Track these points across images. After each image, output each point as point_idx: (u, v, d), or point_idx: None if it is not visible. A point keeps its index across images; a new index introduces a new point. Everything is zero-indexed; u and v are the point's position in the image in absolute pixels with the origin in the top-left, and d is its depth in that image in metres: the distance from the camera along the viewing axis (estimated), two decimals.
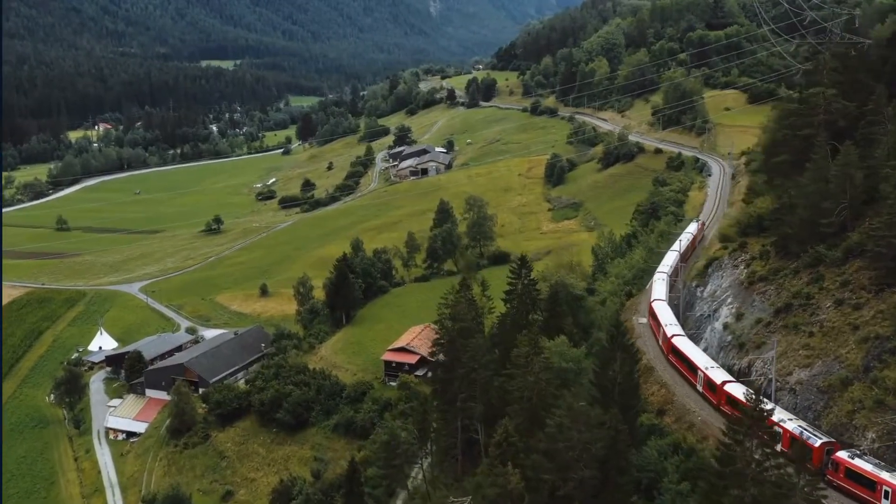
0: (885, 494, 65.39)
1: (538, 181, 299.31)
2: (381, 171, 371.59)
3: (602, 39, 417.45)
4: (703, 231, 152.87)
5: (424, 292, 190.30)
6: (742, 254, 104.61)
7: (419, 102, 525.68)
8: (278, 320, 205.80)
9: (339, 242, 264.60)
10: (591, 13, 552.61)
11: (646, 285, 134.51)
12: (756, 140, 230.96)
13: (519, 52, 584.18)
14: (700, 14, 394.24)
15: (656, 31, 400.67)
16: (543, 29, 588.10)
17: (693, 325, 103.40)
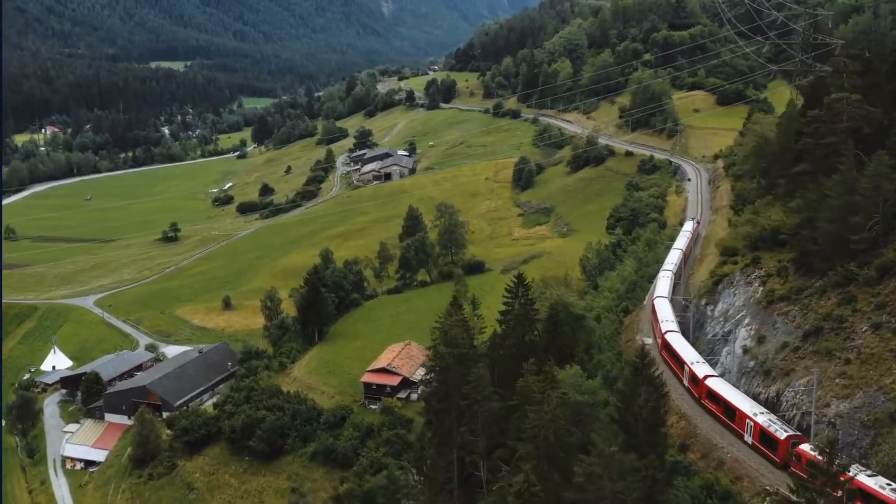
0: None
1: (506, 185, 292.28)
2: (343, 176, 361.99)
3: (564, 40, 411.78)
4: (698, 230, 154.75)
5: (398, 305, 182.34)
6: (755, 270, 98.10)
7: (378, 104, 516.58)
8: (244, 336, 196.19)
9: (303, 251, 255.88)
10: (549, 13, 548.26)
11: (641, 299, 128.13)
12: (732, 143, 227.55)
13: (477, 53, 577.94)
14: (662, 14, 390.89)
15: (619, 32, 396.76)
16: (501, 29, 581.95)
17: (706, 347, 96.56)
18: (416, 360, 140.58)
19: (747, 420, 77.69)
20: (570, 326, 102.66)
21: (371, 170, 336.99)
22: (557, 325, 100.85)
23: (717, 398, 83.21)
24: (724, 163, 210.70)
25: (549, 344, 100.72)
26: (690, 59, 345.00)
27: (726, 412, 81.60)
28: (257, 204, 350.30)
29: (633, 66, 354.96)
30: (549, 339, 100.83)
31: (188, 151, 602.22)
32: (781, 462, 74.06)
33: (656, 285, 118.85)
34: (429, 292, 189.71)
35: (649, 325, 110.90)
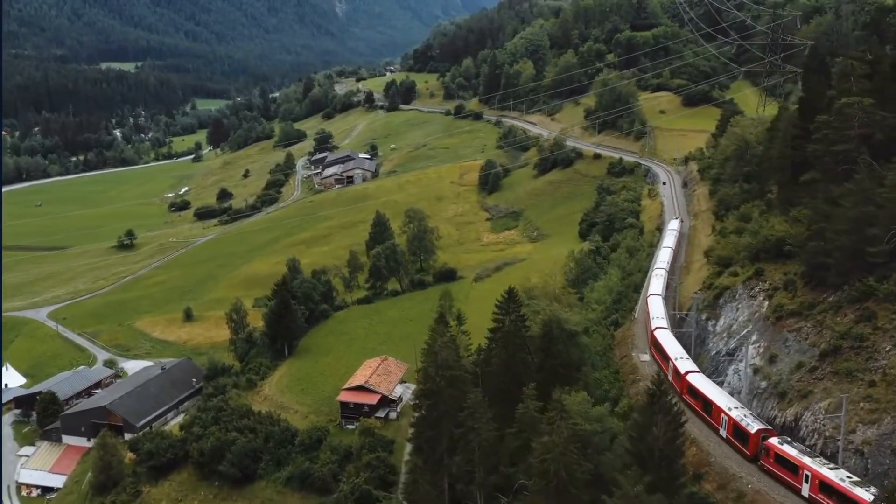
0: (805, 478, 68.99)
1: (472, 189, 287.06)
2: (304, 179, 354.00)
3: (525, 41, 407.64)
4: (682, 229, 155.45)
5: (370, 316, 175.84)
6: (759, 283, 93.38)
7: (336, 106, 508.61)
8: (207, 349, 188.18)
9: (266, 258, 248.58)
10: (508, 14, 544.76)
11: (630, 311, 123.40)
12: (703, 145, 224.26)
13: (435, 54, 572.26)
14: (624, 15, 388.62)
15: (581, 33, 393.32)
16: (460, 30, 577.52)
17: (709, 364, 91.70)
18: (394, 376, 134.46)
19: (722, 414, 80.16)
20: (564, 344, 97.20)
21: (333, 173, 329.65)
22: (552, 342, 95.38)
23: (696, 393, 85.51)
24: (697, 166, 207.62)
25: (543, 363, 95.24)
26: (654, 61, 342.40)
27: (704, 407, 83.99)
28: (215, 209, 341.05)
29: (596, 66, 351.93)
30: (543, 358, 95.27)
31: (141, 155, 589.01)
32: (752, 455, 76.09)
33: (650, 283, 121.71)
34: (401, 302, 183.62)
35: (644, 338, 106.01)
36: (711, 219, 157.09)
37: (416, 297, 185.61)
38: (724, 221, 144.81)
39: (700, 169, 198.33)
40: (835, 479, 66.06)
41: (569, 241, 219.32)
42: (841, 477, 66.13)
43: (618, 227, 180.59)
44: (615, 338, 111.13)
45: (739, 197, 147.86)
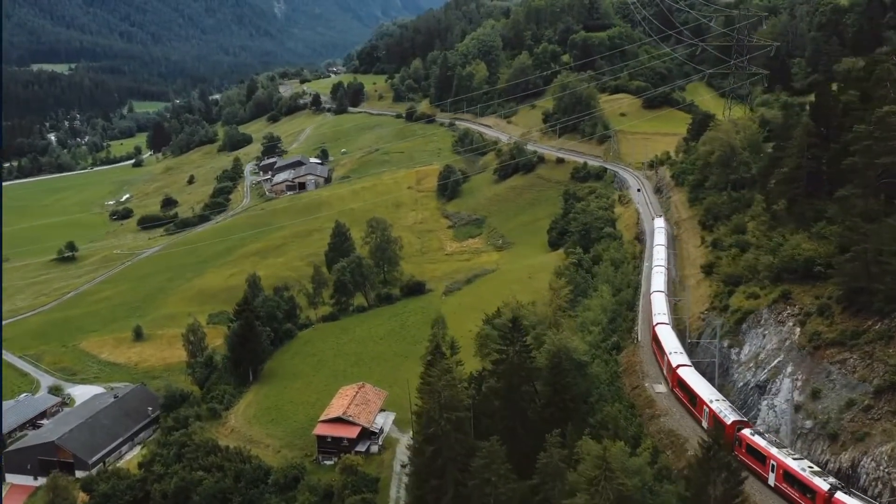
0: (771, 468, 70.57)
1: (430, 195, 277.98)
2: (253, 186, 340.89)
3: (477, 42, 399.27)
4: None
5: (337, 335, 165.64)
6: (786, 306, 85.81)
7: (282, 109, 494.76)
8: (161, 372, 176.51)
9: (218, 271, 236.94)
10: (454, 14, 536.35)
11: (628, 331, 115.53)
12: (671, 149, 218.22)
13: (381, 55, 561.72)
14: (576, 16, 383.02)
15: (533, 33, 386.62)
16: (406, 31, 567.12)
17: (737, 398, 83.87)
18: (374, 405, 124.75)
19: (704, 406, 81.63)
20: (573, 376, 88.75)
21: (284, 179, 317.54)
22: (561, 375, 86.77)
23: (684, 386, 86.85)
24: (670, 171, 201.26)
25: (552, 398, 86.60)
26: (610, 62, 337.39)
27: (690, 400, 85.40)
28: (160, 217, 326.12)
29: (551, 68, 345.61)
30: (552, 393, 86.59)
31: (78, 160, 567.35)
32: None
33: (651, 281, 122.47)
34: (368, 318, 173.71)
35: (653, 365, 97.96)
36: (697, 228, 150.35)
37: (383, 313, 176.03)
38: (715, 232, 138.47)
39: (674, 174, 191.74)
40: (796, 469, 67.58)
41: (536, 250, 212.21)
42: (802, 466, 67.61)
43: (594, 236, 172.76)
44: (619, 364, 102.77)
45: (728, 206, 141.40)
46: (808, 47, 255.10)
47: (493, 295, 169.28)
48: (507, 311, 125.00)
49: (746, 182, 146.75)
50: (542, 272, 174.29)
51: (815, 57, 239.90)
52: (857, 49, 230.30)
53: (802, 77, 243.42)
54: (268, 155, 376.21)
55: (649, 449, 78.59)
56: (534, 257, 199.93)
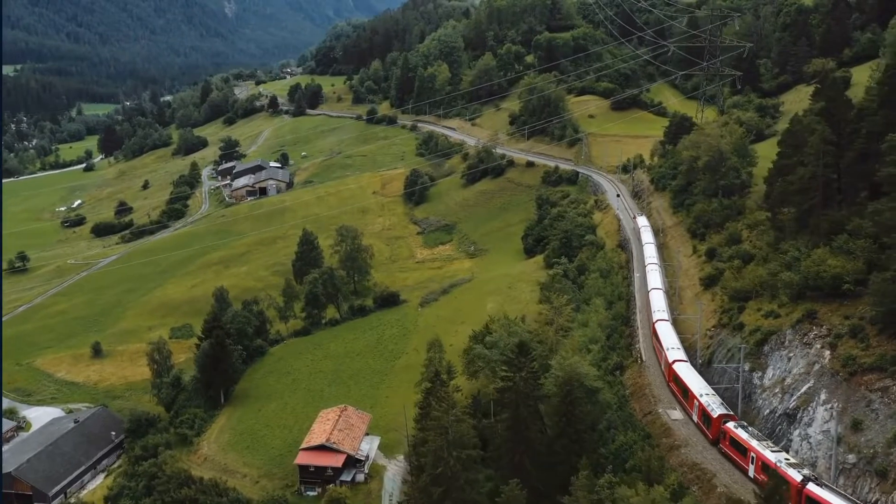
0: (751, 460, 72.76)
1: (397, 200, 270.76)
2: (212, 191, 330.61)
3: (439, 43, 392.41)
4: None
5: (311, 351, 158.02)
6: (812, 327, 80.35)
7: (238, 111, 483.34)
8: (123, 391, 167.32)
9: (179, 281, 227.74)
10: (412, 14, 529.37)
11: (626, 349, 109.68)
12: (645, 152, 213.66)
13: (338, 56, 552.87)
14: (538, 16, 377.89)
15: (496, 34, 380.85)
16: (364, 32, 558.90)
17: (763, 427, 78.19)
18: (358, 430, 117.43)
19: (695, 400, 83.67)
20: (584, 404, 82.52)
21: (244, 184, 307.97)
22: (573, 405, 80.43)
23: (678, 380, 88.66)
24: (648, 175, 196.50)
25: (565, 429, 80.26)
26: (575, 64, 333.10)
27: (683, 394, 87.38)
28: (115, 225, 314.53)
29: (516, 69, 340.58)
30: (564, 423, 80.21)
31: (26, 164, 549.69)
32: (713, 438, 79.68)
33: (647, 279, 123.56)
34: (342, 333, 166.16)
35: (664, 388, 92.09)
36: (686, 236, 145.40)
37: (357, 327, 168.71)
38: (708, 241, 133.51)
39: (653, 179, 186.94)
40: (773, 460, 69.64)
41: (511, 257, 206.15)
42: (779, 458, 69.84)
43: (576, 244, 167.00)
44: (625, 386, 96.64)
45: (720, 214, 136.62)
46: (773, 48, 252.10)
47: (473, 306, 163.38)
48: (496, 327, 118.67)
49: (736, 188, 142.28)
50: (521, 282, 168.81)
51: (783, 58, 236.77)
52: (825, 50, 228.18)
53: (770, 78, 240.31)
54: (226, 159, 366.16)
55: (674, 485, 72.52)
56: (510, 265, 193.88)
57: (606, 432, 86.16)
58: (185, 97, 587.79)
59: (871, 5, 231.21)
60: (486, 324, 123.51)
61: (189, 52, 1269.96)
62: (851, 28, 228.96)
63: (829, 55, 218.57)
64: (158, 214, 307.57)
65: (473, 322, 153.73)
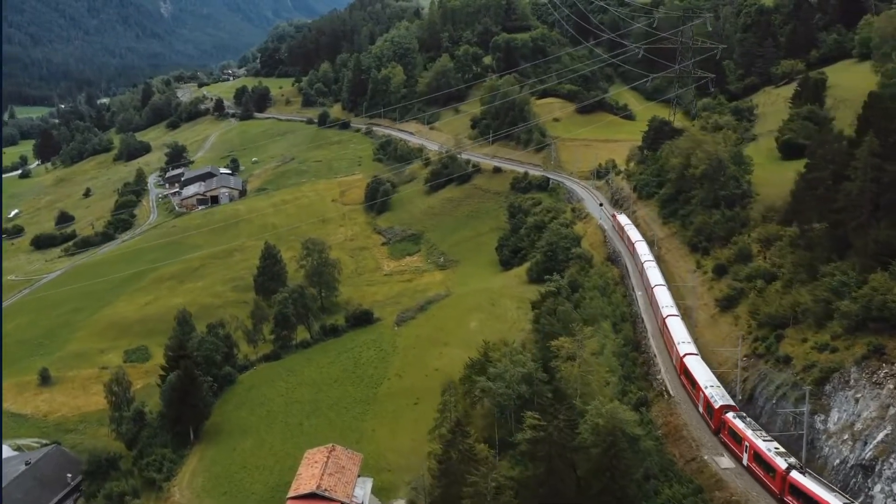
0: (745, 448, 75.24)
1: (358, 208, 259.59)
2: (160, 200, 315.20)
3: (392, 44, 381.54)
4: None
5: (283, 378, 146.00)
6: (881, 364, 72.02)
7: (182, 114, 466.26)
8: (76, 423, 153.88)
9: (131, 298, 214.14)
10: (360, 15, 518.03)
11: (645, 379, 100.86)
12: (623, 157, 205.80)
13: (284, 57, 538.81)
14: (493, 17, 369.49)
15: (451, 35, 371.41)
16: (310, 32, 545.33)
17: (833, 477, 69.52)
18: (350, 472, 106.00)
19: (700, 392, 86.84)
20: (628, 455, 73.14)
21: (194, 193, 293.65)
22: (618, 458, 70.94)
23: (687, 373, 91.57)
24: (628, 182, 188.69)
25: (608, 485, 70.73)
26: (533, 65, 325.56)
27: (692, 385, 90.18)
28: (56, 236, 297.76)
29: (474, 71, 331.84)
30: (609, 479, 70.66)
31: None
32: (715, 429, 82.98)
33: (647, 275, 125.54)
34: (315, 356, 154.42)
35: (704, 430, 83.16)
36: (684, 249, 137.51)
37: (330, 349, 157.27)
38: (713, 256, 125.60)
39: (636, 186, 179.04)
40: (763, 449, 72.44)
41: (485, 269, 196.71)
42: (769, 447, 72.47)
43: (562, 258, 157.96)
44: (655, 424, 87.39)
45: (723, 226, 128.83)
46: (736, 49, 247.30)
47: (454, 325, 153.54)
48: (497, 355, 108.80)
49: (736, 198, 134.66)
50: (504, 298, 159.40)
51: (748, 59, 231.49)
52: (790, 51, 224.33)
53: (736, 80, 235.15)
54: (173, 165, 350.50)
55: None
56: (486, 279, 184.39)
57: (645, 483, 76.79)
58: (125, 100, 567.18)
59: (833, 6, 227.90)
60: (484, 351, 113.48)
61: (125, 54, 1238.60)
62: (816, 29, 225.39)
63: (796, 56, 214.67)
64: (103, 225, 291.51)
65: (458, 342, 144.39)
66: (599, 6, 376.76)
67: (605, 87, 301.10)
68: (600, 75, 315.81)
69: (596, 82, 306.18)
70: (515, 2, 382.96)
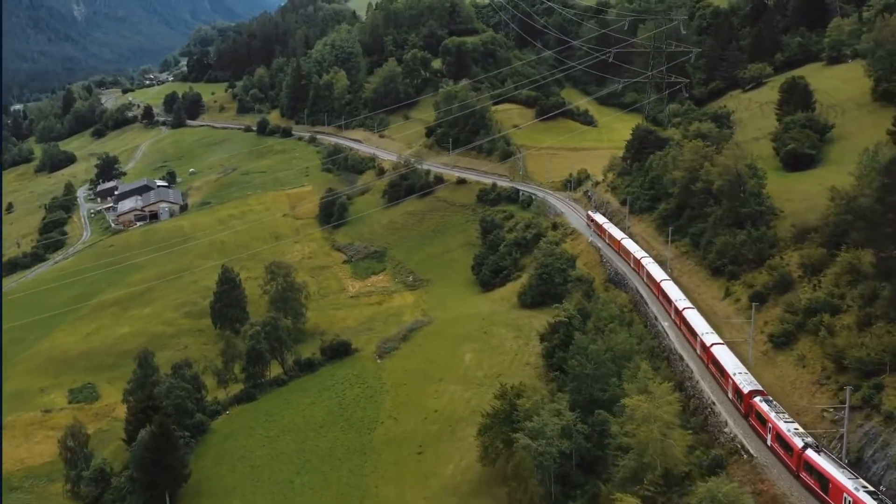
0: (768, 430, 78.45)
1: (311, 222, 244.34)
2: (92, 216, 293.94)
3: (334, 48, 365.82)
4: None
5: (262, 424, 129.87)
6: None
7: (107, 122, 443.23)
8: (21, 479, 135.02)
9: (72, 328, 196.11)
10: (293, 18, 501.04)
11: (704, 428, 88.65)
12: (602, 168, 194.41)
13: (212, 62, 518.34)
14: (438, 20, 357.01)
15: (395, 39, 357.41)
16: (241, 36, 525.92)
17: None
18: None
19: (729, 378, 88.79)
20: None
21: (131, 208, 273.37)
22: None
23: (716, 362, 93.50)
24: (613, 195, 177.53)
25: None
26: (484, 69, 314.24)
27: (720, 373, 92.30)
28: None
29: (423, 76, 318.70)
30: None
31: None
32: (745, 412, 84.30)
33: (650, 271, 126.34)
34: (293, 396, 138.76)
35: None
36: (703, 272, 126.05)
37: (309, 387, 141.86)
38: (745, 281, 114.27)
39: (626, 200, 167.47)
40: (784, 430, 75.19)
41: (460, 290, 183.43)
42: (789, 428, 75.16)
43: (558, 280, 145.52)
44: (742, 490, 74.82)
45: (752, 248, 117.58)
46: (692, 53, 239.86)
47: (445, 357, 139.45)
48: (527, 403, 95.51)
49: (755, 216, 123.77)
50: (496, 326, 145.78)
51: (711, 63, 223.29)
52: (754, 55, 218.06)
53: (699, 85, 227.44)
54: (104, 177, 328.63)
55: None
56: (466, 301, 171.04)
57: None
58: (44, 107, 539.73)
59: (793, 9, 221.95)
60: (509, 397, 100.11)
61: (37, 58, 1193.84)
62: (779, 32, 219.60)
63: (760, 60, 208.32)
64: (31, 244, 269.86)
65: (453, 378, 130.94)
66: (544, 8, 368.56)
67: (556, 92, 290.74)
68: (551, 80, 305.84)
69: (548, 87, 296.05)
70: (460, 4, 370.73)
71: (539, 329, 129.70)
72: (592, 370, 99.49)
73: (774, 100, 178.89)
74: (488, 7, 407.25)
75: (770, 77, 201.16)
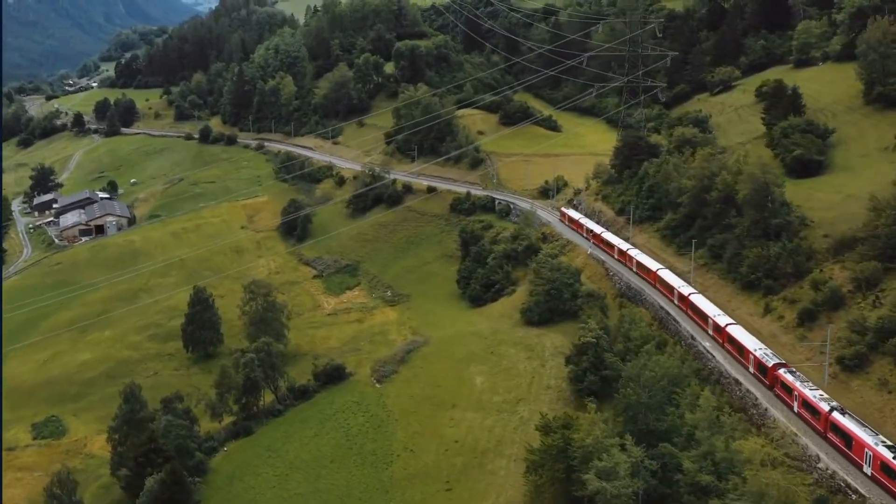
0: (795, 398, 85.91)
1: (272, 235, 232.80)
2: (31, 231, 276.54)
3: (278, 53, 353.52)
4: None
5: (266, 461, 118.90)
6: None
7: (34, 131, 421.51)
8: None
9: (26, 356, 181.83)
10: (226, 22, 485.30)
11: None
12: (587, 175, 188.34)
13: (142, 67, 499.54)
14: (384, 23, 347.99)
15: (341, 43, 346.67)
16: (172, 40, 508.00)
17: None
18: None
19: (750, 354, 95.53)
20: None
21: (75, 222, 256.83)
22: None
23: (733, 341, 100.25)
24: (606, 204, 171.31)
25: None
26: (437, 73, 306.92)
27: (739, 351, 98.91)
28: None
29: (375, 80, 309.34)
30: None
31: None
32: (770, 384, 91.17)
33: (645, 264, 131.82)
34: (292, 427, 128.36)
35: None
36: (731, 287, 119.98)
37: (307, 417, 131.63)
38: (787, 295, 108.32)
39: (622, 209, 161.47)
40: (810, 396, 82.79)
41: (443, 304, 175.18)
42: (815, 395, 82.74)
43: (567, 296, 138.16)
44: None
45: (789, 262, 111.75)
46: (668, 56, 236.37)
47: (454, 381, 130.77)
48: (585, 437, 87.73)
49: (785, 226, 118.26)
50: (504, 345, 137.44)
51: (673, 67, 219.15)
52: (717, 58, 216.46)
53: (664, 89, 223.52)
54: (39, 190, 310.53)
55: None
56: (458, 318, 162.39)
57: None
58: None
59: (752, 12, 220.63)
60: (560, 432, 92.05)
61: None
62: (742, 35, 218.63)
63: (725, 63, 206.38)
64: None
65: (467, 404, 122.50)
66: (489, 11, 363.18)
67: (512, 98, 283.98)
68: (503, 83, 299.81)
69: (506, 92, 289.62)
70: (406, 7, 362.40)
71: (552, 349, 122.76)
72: (647, 398, 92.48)
73: (750, 103, 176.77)
74: (430, 10, 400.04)
75: (738, 80, 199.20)
